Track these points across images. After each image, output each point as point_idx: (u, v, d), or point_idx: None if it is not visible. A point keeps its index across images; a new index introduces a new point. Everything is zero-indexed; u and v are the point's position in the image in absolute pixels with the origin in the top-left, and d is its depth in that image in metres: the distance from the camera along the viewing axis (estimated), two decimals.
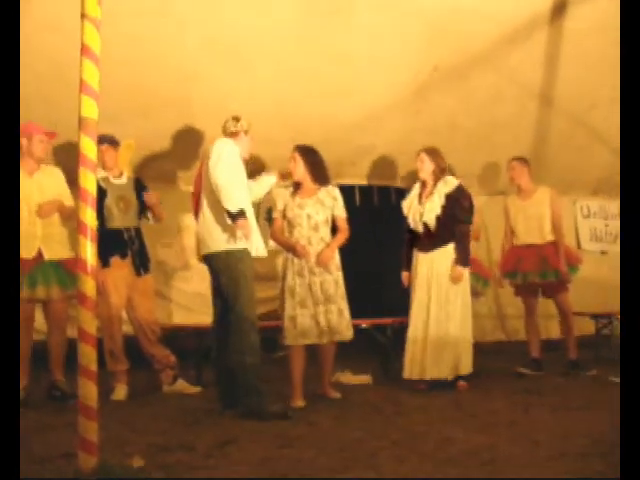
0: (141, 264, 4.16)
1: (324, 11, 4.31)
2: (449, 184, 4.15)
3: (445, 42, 4.73)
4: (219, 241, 3.50)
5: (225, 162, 3.45)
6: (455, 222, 4.10)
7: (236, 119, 3.71)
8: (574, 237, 6.35)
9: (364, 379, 4.47)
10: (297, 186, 4.00)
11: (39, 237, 3.79)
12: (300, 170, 3.94)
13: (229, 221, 3.43)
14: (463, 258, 4.10)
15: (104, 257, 3.96)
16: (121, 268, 4.06)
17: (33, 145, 3.84)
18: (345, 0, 4.30)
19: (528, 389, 4.08)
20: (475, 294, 5.13)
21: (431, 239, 4.13)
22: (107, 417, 2.60)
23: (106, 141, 4.07)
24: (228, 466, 2.48)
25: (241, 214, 3.37)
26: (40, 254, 3.79)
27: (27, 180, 3.79)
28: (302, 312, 3.80)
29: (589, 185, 6.36)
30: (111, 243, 4.00)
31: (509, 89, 5.16)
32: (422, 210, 4.15)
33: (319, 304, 3.81)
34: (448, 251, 4.11)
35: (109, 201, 4.07)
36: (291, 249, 3.88)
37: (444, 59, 4.86)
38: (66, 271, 3.81)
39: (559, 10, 4.67)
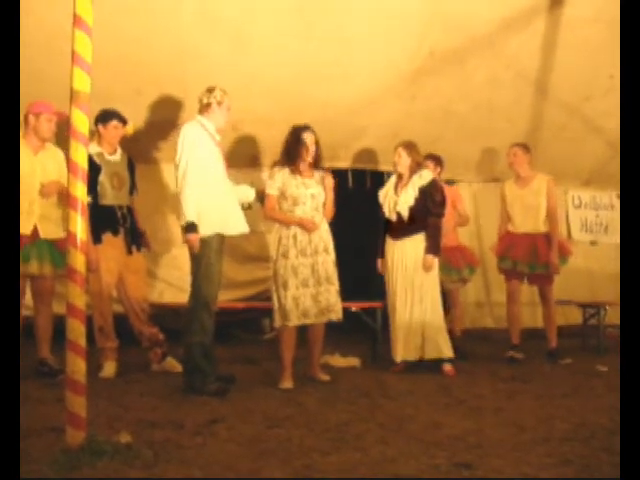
0: (133, 242, 4.15)
1: None
2: (424, 177, 4.31)
3: (442, 26, 4.69)
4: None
5: (183, 166, 3.50)
6: (428, 214, 4.26)
7: (209, 90, 3.68)
8: (565, 227, 6.37)
9: (353, 362, 4.49)
10: (293, 164, 3.94)
11: (37, 215, 3.80)
12: (312, 152, 3.96)
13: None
14: (434, 248, 4.25)
15: (96, 233, 3.95)
16: (113, 245, 4.04)
17: (40, 123, 3.81)
18: None
19: (514, 376, 4.12)
20: (462, 281, 5.17)
21: (403, 228, 4.29)
22: (95, 393, 2.60)
23: (117, 117, 4.07)
24: (216, 444, 2.49)
25: (190, 228, 3.47)
26: (36, 232, 3.80)
27: (31, 158, 3.80)
28: (304, 292, 3.84)
29: (581, 175, 6.37)
30: (103, 220, 3.99)
31: (506, 75, 5.14)
32: (396, 200, 4.31)
33: (321, 284, 3.86)
34: (418, 240, 4.26)
35: (103, 177, 4.03)
36: (298, 224, 3.86)
37: (441, 43, 4.82)
38: (59, 250, 3.81)
39: None
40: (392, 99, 5.14)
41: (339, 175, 5.52)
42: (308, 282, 3.85)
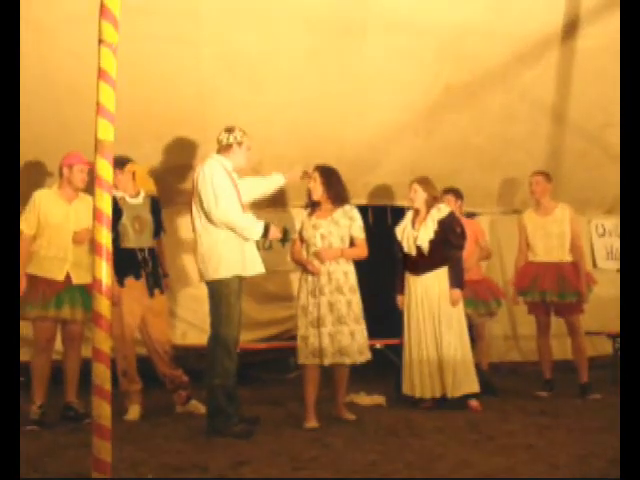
0: (155, 284, 4.17)
1: (336, 32, 4.37)
2: (442, 211, 4.31)
3: (457, 61, 4.76)
4: (209, 271, 3.58)
5: (221, 196, 3.51)
6: (448, 247, 4.24)
7: (229, 130, 3.70)
8: (590, 256, 6.28)
9: (378, 400, 4.43)
10: (314, 206, 4.03)
11: (69, 262, 3.94)
12: (319, 190, 3.97)
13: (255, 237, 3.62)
14: (458, 281, 4.22)
15: (119, 277, 4.02)
16: (135, 288, 4.09)
17: (73, 174, 3.98)
18: (357, 20, 4.35)
19: (544, 410, 4.02)
20: (489, 314, 5.10)
21: (424, 263, 4.26)
22: (120, 437, 2.59)
23: (130, 163, 4.18)
24: None
25: (266, 232, 3.59)
26: (69, 278, 3.93)
27: (65, 207, 3.99)
28: (314, 332, 3.80)
29: (604, 203, 6.31)
30: (125, 263, 4.04)
31: (521, 107, 5.17)
32: (416, 234, 4.29)
33: (328, 325, 3.79)
34: (440, 274, 4.23)
35: (125, 221, 4.11)
36: (304, 265, 3.93)
37: (456, 78, 4.88)
38: (89, 295, 3.88)
39: (571, 29, 4.69)
40: (409, 135, 5.19)
41: (359, 211, 5.56)
42: (317, 322, 3.79)
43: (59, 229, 3.91)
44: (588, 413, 3.98)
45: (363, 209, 5.58)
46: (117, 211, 4.03)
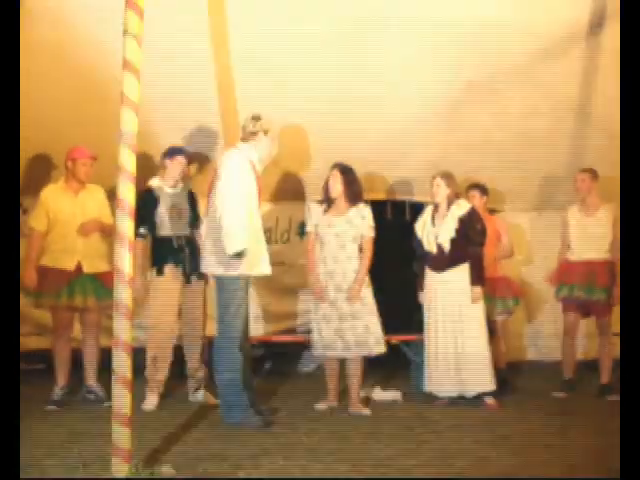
0: (192, 272, 4.16)
1: (356, 26, 4.34)
2: (462, 207, 4.28)
3: (478, 57, 4.70)
4: (215, 266, 3.54)
5: (230, 195, 3.42)
6: (469, 244, 4.22)
7: (255, 118, 3.64)
8: None
9: (394, 395, 4.42)
10: (330, 202, 4.10)
11: (79, 252, 4.03)
12: (337, 188, 4.06)
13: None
14: (479, 278, 4.21)
15: (158, 265, 4.10)
16: (173, 276, 4.12)
17: (77, 168, 4.06)
18: (377, 15, 4.32)
19: (563, 410, 3.99)
20: (507, 312, 5.06)
21: (444, 260, 4.23)
22: (140, 425, 2.62)
23: (182, 154, 4.25)
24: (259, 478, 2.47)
25: (238, 256, 3.42)
26: (80, 267, 4.01)
27: (73, 199, 4.08)
28: (327, 326, 3.95)
29: None
30: (163, 251, 4.11)
31: (544, 104, 5.10)
32: (437, 232, 4.26)
33: (345, 320, 3.92)
34: (461, 271, 4.21)
35: (161, 209, 4.15)
36: (312, 283, 4.06)
37: (477, 74, 4.83)
38: (102, 283, 4.02)
39: (597, 24, 4.62)
40: (430, 130, 5.15)
41: (378, 206, 5.54)
42: (331, 317, 3.95)
43: (67, 223, 4.01)
44: (608, 414, 3.93)
45: (381, 204, 5.59)
46: (153, 201, 4.12)
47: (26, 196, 4.25)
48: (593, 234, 4.61)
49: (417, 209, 5.57)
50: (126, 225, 2.40)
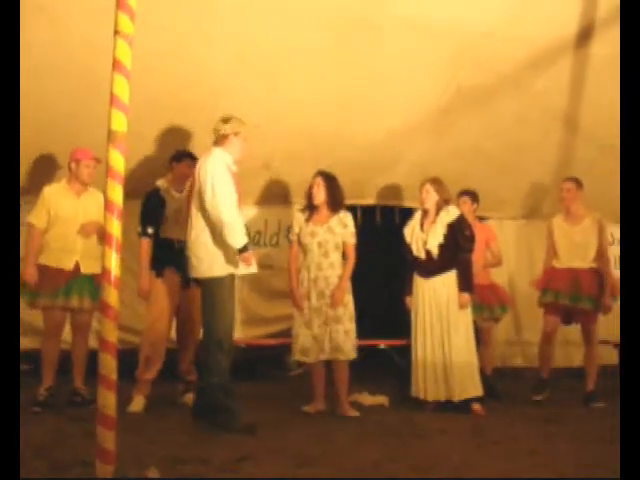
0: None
1: (352, 30, 4.36)
2: (451, 214, 4.30)
3: (470, 65, 4.74)
4: (202, 268, 3.55)
5: (221, 193, 3.42)
6: (458, 250, 4.25)
7: (225, 120, 3.63)
8: None
9: (381, 400, 4.43)
10: (312, 209, 4.17)
11: (78, 252, 4.05)
12: (320, 195, 4.13)
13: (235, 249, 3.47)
14: (468, 285, 4.23)
15: (158, 267, 4.11)
16: (171, 278, 4.13)
17: (80, 169, 4.08)
18: (373, 19, 4.34)
19: (548, 417, 4.00)
20: (494, 319, 5.08)
21: (433, 266, 4.26)
22: (124, 427, 2.60)
23: (190, 158, 4.23)
24: None
25: (245, 249, 3.46)
26: (77, 267, 4.03)
27: (74, 200, 4.10)
28: (306, 332, 4.03)
29: (615, 211, 6.24)
30: (164, 253, 4.12)
31: (534, 113, 5.14)
32: (425, 238, 4.29)
33: (326, 324, 4.01)
34: (449, 278, 4.24)
35: (167, 212, 4.17)
36: (290, 292, 4.15)
37: (469, 81, 4.87)
38: (98, 285, 3.92)
39: (585, 35, 4.67)
40: (420, 136, 5.18)
41: (367, 211, 5.54)
42: (311, 323, 4.03)
43: (68, 222, 4.02)
44: (592, 421, 3.96)
45: (371, 209, 5.60)
46: (160, 202, 4.14)
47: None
48: (578, 243, 4.64)
49: (406, 214, 5.61)
50: (114, 226, 2.39)
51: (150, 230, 4.11)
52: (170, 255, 4.11)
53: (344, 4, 4.15)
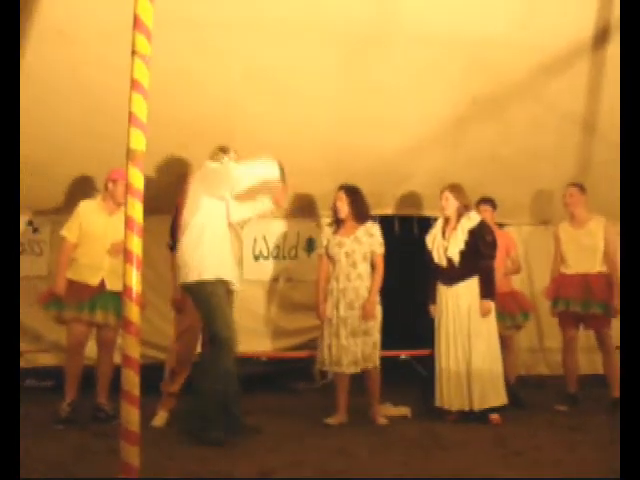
0: None
1: (363, 46, 4.38)
2: (472, 220, 4.27)
3: (483, 73, 4.73)
4: (192, 273, 3.57)
5: (235, 167, 3.59)
6: (479, 257, 4.20)
7: (223, 150, 3.76)
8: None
9: (404, 411, 4.39)
10: (339, 223, 4.26)
11: (105, 269, 4.11)
12: (345, 209, 4.23)
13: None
14: (489, 292, 4.19)
15: None
16: None
17: (117, 189, 4.15)
18: (383, 32, 4.36)
19: (572, 426, 3.94)
20: (516, 327, 5.03)
21: (455, 273, 4.22)
22: (145, 442, 2.62)
23: None
24: None
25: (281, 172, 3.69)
26: (103, 284, 4.10)
27: (106, 219, 4.18)
28: (336, 342, 4.08)
29: None
30: None
31: (549, 118, 5.11)
32: (446, 245, 4.26)
33: (356, 336, 4.06)
34: (471, 285, 4.20)
35: None
36: (315, 305, 4.24)
37: (482, 90, 4.86)
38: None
39: (601, 38, 4.64)
40: (436, 146, 5.17)
41: (386, 222, 5.54)
42: (339, 333, 4.08)
43: (98, 239, 4.09)
44: (616, 429, 3.88)
45: (389, 219, 5.60)
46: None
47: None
48: (585, 246, 4.64)
49: (425, 224, 5.60)
50: (135, 243, 2.42)
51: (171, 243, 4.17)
52: None
53: (354, 20, 4.18)
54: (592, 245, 4.62)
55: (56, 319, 4.13)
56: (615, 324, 4.63)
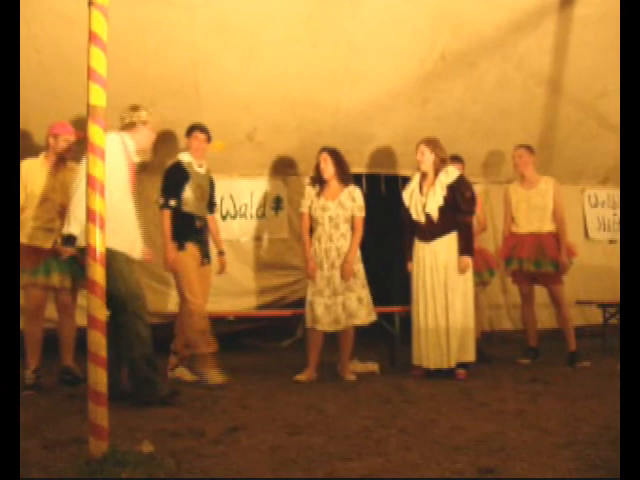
0: (206, 254, 4.27)
1: (329, 0, 4.29)
2: (450, 175, 4.18)
3: (452, 29, 4.69)
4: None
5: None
6: (458, 212, 4.14)
7: (133, 108, 3.56)
8: (582, 226, 6.32)
9: (372, 367, 4.48)
10: (322, 183, 4.25)
11: (58, 230, 3.88)
12: (330, 170, 4.22)
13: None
14: (468, 248, 4.15)
15: (180, 240, 4.10)
16: (194, 254, 4.14)
17: (58, 144, 3.96)
18: None
19: (535, 378, 4.08)
20: (482, 284, 5.13)
21: (433, 229, 4.17)
22: (115, 403, 2.62)
23: (199, 129, 4.21)
24: (237, 453, 2.49)
25: (68, 240, 3.35)
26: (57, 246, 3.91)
27: (52, 176, 3.95)
28: (319, 300, 4.14)
29: (598, 174, 6.32)
30: (185, 228, 4.12)
31: (517, 76, 5.13)
32: (424, 201, 4.19)
33: (338, 294, 4.13)
34: (449, 240, 4.16)
35: (189, 186, 4.15)
36: (307, 262, 4.23)
37: (451, 47, 4.82)
38: (79, 264, 3.84)
39: None
40: (404, 103, 5.15)
41: (353, 179, 5.54)
42: (323, 292, 4.14)
43: (46, 200, 3.89)
44: (578, 380, 4.04)
45: (357, 177, 5.58)
46: (184, 175, 4.13)
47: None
48: (536, 206, 4.74)
49: (393, 182, 5.61)
50: (98, 202, 2.36)
51: (172, 202, 4.08)
52: (191, 230, 4.14)
53: None
54: (543, 205, 4.73)
55: None
56: (575, 280, 4.79)
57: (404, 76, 4.95)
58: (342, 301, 4.13)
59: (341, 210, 4.19)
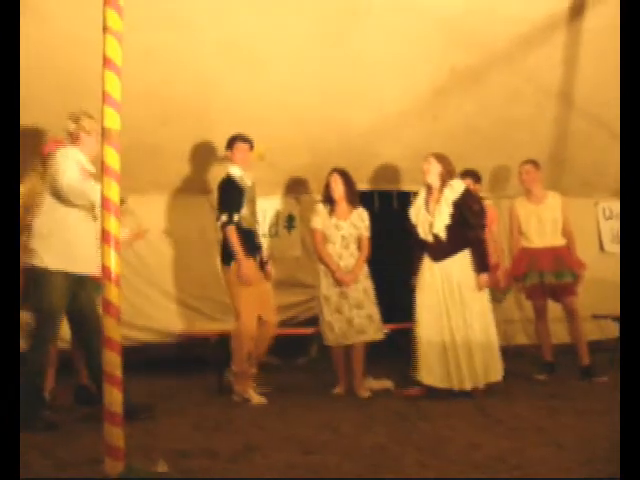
0: (262, 268, 4.24)
1: (340, 15, 4.33)
2: (455, 190, 4.05)
3: (462, 44, 4.71)
4: (34, 254, 3.36)
5: (68, 168, 3.28)
6: (467, 228, 4.02)
7: (74, 119, 3.47)
8: (597, 239, 6.27)
9: (386, 384, 4.45)
10: (332, 203, 4.39)
11: None
12: (340, 190, 4.36)
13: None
14: (484, 264, 4.04)
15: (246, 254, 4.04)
16: (255, 270, 4.12)
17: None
18: (361, 3, 4.31)
19: (552, 393, 4.03)
20: (497, 300, 5.07)
21: (443, 248, 4.03)
22: (130, 424, 2.62)
23: (240, 140, 4.16)
24: (252, 472, 2.48)
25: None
26: None
27: None
28: (338, 317, 4.28)
29: (610, 186, 6.26)
30: (249, 244, 4.10)
31: (527, 90, 5.13)
32: (431, 220, 4.07)
33: (352, 309, 4.29)
34: (461, 259, 4.03)
35: (246, 201, 4.12)
36: (334, 272, 4.30)
37: (461, 61, 4.84)
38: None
39: (577, 10, 4.64)
40: (414, 119, 5.16)
41: (365, 196, 5.55)
42: (341, 309, 4.29)
43: None
44: (595, 395, 3.99)
45: (368, 194, 5.59)
46: (240, 191, 4.08)
47: None
48: (548, 220, 4.75)
49: (404, 198, 5.60)
50: (112, 224, 2.39)
51: (237, 218, 4.03)
52: (253, 246, 4.14)
53: None
54: (553, 219, 4.75)
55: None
56: (590, 293, 4.76)
57: (414, 92, 4.97)
58: (352, 317, 4.26)
59: (353, 230, 4.36)
